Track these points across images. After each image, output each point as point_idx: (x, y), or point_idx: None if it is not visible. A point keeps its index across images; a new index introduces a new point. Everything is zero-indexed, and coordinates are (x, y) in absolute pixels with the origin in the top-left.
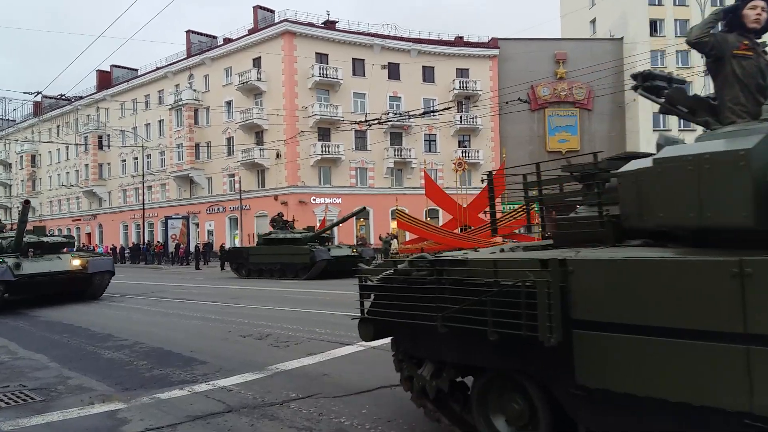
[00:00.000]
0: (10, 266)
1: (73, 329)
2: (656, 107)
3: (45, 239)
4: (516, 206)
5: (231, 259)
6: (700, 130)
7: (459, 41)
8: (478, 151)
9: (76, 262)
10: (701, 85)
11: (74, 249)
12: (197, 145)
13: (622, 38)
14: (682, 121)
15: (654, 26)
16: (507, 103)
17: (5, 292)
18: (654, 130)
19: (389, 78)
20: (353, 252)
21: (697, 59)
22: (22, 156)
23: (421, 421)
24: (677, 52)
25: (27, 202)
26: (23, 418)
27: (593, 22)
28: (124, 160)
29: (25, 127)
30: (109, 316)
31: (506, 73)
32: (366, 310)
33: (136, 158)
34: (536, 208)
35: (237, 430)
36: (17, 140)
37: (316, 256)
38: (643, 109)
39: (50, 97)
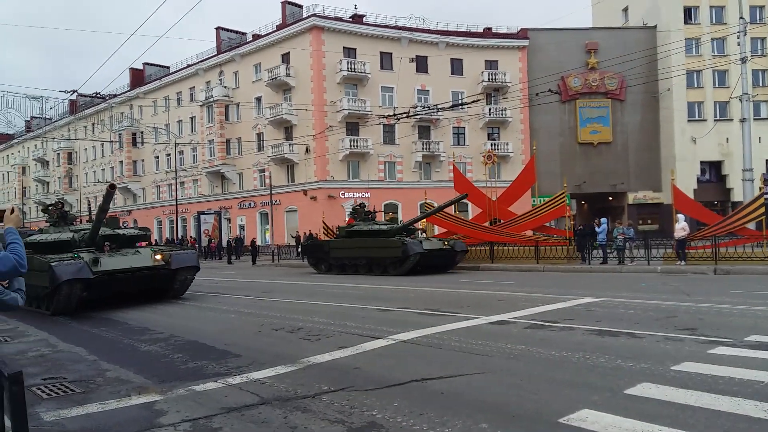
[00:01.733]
0: (88, 262)
1: (110, 322)
2: (691, 96)
3: (121, 232)
4: (546, 199)
5: (310, 253)
6: (736, 120)
7: (487, 32)
8: (507, 144)
9: (158, 257)
10: (737, 74)
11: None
12: (228, 141)
13: (655, 26)
14: (718, 111)
15: (688, 13)
16: (537, 94)
17: (83, 291)
18: (689, 121)
19: (417, 71)
20: (445, 245)
21: (734, 47)
22: (59, 153)
23: (453, 415)
24: (713, 40)
25: (113, 187)
26: (64, 409)
27: (625, 10)
28: (157, 157)
29: (62, 125)
30: (145, 310)
31: (536, 64)
32: None
33: (169, 155)
34: (567, 201)
35: (270, 422)
36: (54, 138)
37: (409, 250)
38: (678, 99)
39: (85, 96)
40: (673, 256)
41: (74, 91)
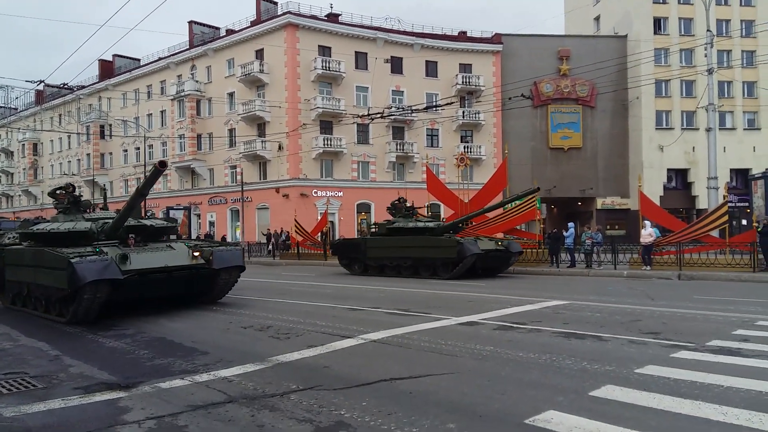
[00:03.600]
0: (115, 259)
1: None
2: (659, 105)
3: (147, 222)
4: (518, 202)
5: (342, 252)
6: (702, 129)
7: (462, 36)
8: (480, 147)
9: (197, 254)
10: (704, 84)
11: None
12: (199, 136)
13: (626, 36)
14: (685, 120)
15: (658, 24)
16: (510, 99)
17: (108, 295)
18: (656, 129)
19: (392, 72)
20: (498, 245)
21: (701, 58)
22: (24, 144)
23: (421, 414)
24: (681, 50)
25: (163, 165)
26: (25, 404)
27: (597, 19)
28: (126, 150)
29: (27, 115)
30: (110, 305)
31: (509, 69)
32: None
33: (138, 148)
34: (538, 205)
35: (237, 421)
36: (19, 128)
37: (466, 250)
38: (647, 107)
39: (53, 86)
40: (639, 261)
41: (41, 81)
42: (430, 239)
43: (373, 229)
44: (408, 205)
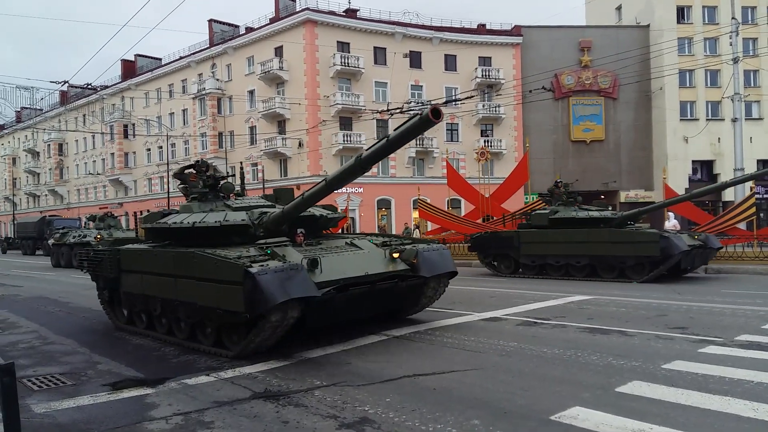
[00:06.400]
0: (304, 267)
1: (101, 315)
2: (684, 96)
3: (317, 212)
4: (537, 197)
5: (487, 247)
6: (728, 120)
7: (482, 29)
8: (500, 141)
9: (396, 256)
10: (729, 73)
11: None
12: (220, 134)
13: (648, 25)
14: (710, 110)
15: (681, 13)
16: (530, 91)
17: (299, 319)
18: (681, 120)
19: (411, 66)
20: (696, 239)
21: (726, 47)
22: (49, 145)
23: (445, 410)
24: (705, 39)
25: (438, 114)
26: (55, 401)
27: (619, 9)
28: (149, 149)
29: (53, 116)
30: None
31: (530, 62)
32: None
33: (161, 147)
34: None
35: (263, 416)
36: (45, 129)
37: (673, 247)
38: (670, 98)
39: (76, 87)
40: None
41: (65, 82)
42: (617, 233)
43: (527, 220)
44: (572, 191)
